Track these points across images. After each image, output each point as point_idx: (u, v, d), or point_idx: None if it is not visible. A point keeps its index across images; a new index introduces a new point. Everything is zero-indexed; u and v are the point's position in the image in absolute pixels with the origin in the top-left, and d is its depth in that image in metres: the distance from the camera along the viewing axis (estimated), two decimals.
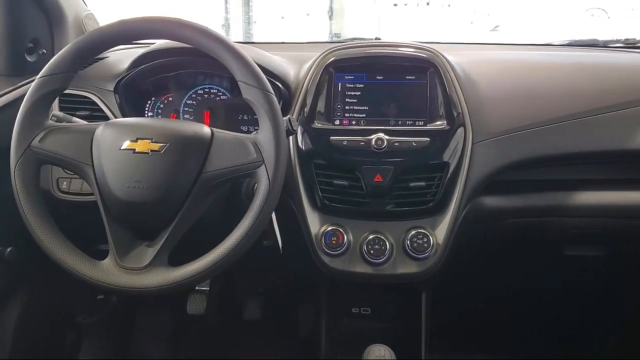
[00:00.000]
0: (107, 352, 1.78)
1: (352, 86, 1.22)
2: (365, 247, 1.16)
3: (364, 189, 1.17)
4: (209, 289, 1.80)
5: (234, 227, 0.92)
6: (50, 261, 0.94)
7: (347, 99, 1.22)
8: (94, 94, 1.29)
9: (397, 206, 1.19)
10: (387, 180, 1.16)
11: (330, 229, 1.18)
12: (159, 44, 1.30)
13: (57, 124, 1.01)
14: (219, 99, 1.35)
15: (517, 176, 1.25)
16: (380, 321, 1.42)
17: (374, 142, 1.15)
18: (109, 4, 1.78)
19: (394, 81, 1.22)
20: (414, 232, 1.17)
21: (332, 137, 1.18)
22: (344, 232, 1.18)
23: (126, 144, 0.93)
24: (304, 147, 1.20)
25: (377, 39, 1.47)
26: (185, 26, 0.94)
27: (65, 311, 1.70)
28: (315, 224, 1.20)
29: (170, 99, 1.36)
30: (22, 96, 0.97)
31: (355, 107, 1.22)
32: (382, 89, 1.22)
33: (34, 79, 0.97)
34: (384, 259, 1.16)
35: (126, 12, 1.03)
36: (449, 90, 1.19)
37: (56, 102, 1.25)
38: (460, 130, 1.18)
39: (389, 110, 1.21)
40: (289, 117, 1.00)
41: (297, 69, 1.32)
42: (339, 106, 1.22)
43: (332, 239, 1.17)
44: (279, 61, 1.33)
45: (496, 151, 1.20)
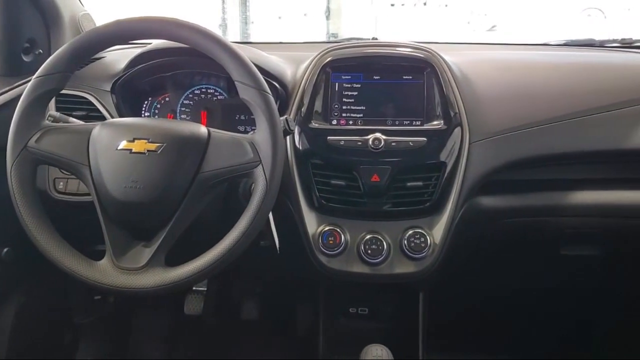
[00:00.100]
0: (104, 352, 1.78)
1: (349, 86, 1.22)
2: (362, 247, 1.17)
3: (361, 188, 1.17)
4: (206, 289, 1.80)
5: (231, 227, 0.92)
6: (47, 262, 0.94)
7: (344, 99, 1.22)
8: (90, 94, 1.29)
9: (394, 206, 1.19)
10: (384, 180, 1.16)
11: (327, 229, 1.18)
12: (156, 44, 1.30)
13: (54, 124, 1.00)
14: (216, 99, 1.35)
15: (513, 176, 1.25)
16: (377, 321, 1.42)
17: (371, 142, 1.15)
18: (106, 4, 1.78)
19: (391, 81, 1.22)
20: (411, 232, 1.17)
21: (329, 137, 1.18)
22: (341, 232, 1.18)
23: (123, 144, 0.93)
24: (301, 147, 1.20)
25: (374, 39, 1.47)
26: (182, 26, 0.94)
27: (62, 312, 1.69)
28: (312, 224, 1.20)
29: (167, 99, 1.36)
30: (18, 96, 0.97)
31: (352, 107, 1.22)
32: (379, 89, 1.22)
33: (30, 79, 0.97)
34: (381, 258, 1.16)
35: (123, 12, 1.03)
36: (445, 90, 1.19)
37: (53, 102, 1.25)
38: (457, 130, 1.18)
39: (386, 110, 1.21)
40: (286, 117, 1.00)
41: (294, 68, 1.32)
42: (336, 106, 1.22)
43: (330, 239, 1.17)
44: (276, 61, 1.33)
45: (493, 151, 1.20)
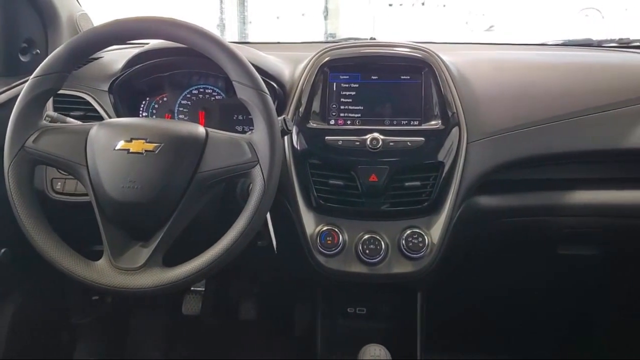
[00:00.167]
0: (102, 353, 1.78)
1: (347, 86, 1.22)
2: (360, 247, 1.16)
3: (359, 188, 1.17)
4: (204, 289, 1.80)
5: (229, 228, 0.92)
6: (44, 262, 0.93)
7: (342, 99, 1.22)
8: (88, 94, 1.29)
9: (392, 206, 1.19)
10: (382, 180, 1.16)
11: (325, 228, 1.18)
12: (154, 44, 1.30)
13: (51, 124, 1.00)
14: (213, 99, 1.35)
15: (511, 175, 1.25)
16: (375, 321, 1.42)
17: (369, 142, 1.15)
18: (103, 4, 1.78)
19: (388, 81, 1.22)
20: (409, 232, 1.17)
21: (327, 137, 1.18)
22: (339, 232, 1.18)
23: (120, 144, 0.93)
24: (299, 147, 1.20)
25: (372, 39, 1.47)
26: (179, 26, 0.94)
27: (59, 312, 1.69)
28: (310, 224, 1.20)
29: (164, 99, 1.36)
30: (15, 96, 0.97)
31: (350, 107, 1.22)
32: (377, 89, 1.22)
33: (28, 79, 0.97)
34: (379, 258, 1.16)
35: (120, 12, 1.03)
36: (443, 90, 1.19)
37: (50, 102, 1.24)
38: (455, 129, 1.18)
39: (384, 110, 1.21)
40: (283, 117, 1.00)
41: (292, 68, 1.32)
42: (334, 106, 1.22)
43: (328, 239, 1.17)
44: (274, 61, 1.33)
45: (491, 151, 1.20)
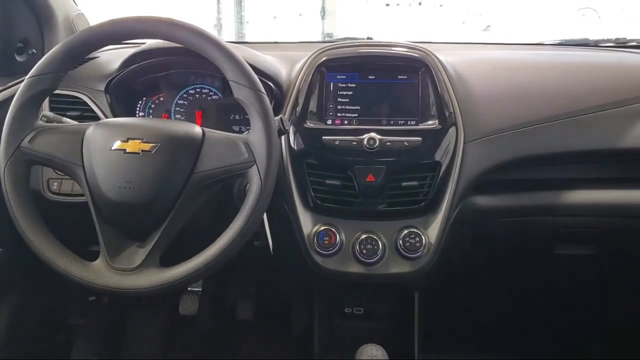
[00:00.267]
0: (99, 353, 1.77)
1: (344, 86, 1.22)
2: (357, 247, 1.16)
3: (356, 188, 1.17)
4: (201, 289, 1.79)
5: (226, 228, 0.92)
6: (40, 263, 0.93)
7: (339, 99, 1.22)
8: (84, 94, 1.29)
9: (390, 206, 1.19)
10: (380, 179, 1.16)
11: (322, 228, 1.18)
12: (150, 43, 1.30)
13: (47, 125, 1.00)
14: (210, 98, 1.35)
15: (508, 175, 1.25)
16: (373, 321, 1.43)
17: (366, 142, 1.15)
18: (100, 4, 1.77)
19: (386, 81, 1.22)
20: (406, 232, 1.17)
21: (324, 137, 1.17)
22: (336, 232, 1.18)
23: (117, 144, 0.93)
24: (296, 147, 1.19)
25: (369, 39, 1.47)
26: (176, 26, 0.94)
27: (56, 313, 1.69)
28: (307, 224, 1.20)
29: (161, 98, 1.35)
30: (11, 96, 0.97)
31: (347, 107, 1.22)
32: (374, 89, 1.22)
33: (24, 79, 0.96)
34: (377, 258, 1.16)
35: (117, 12, 1.02)
36: (440, 89, 1.19)
37: (46, 102, 1.24)
38: (452, 129, 1.18)
39: (381, 109, 1.21)
40: (280, 116, 1.00)
41: (289, 68, 1.32)
42: (331, 106, 1.22)
43: (325, 239, 1.17)
44: (270, 61, 1.33)
45: (488, 150, 1.20)
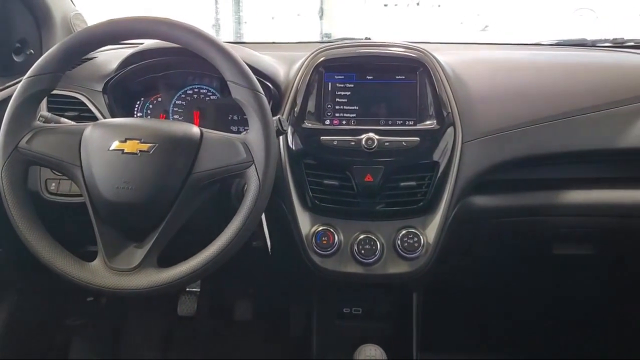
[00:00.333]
0: (97, 354, 1.77)
1: (342, 86, 1.22)
2: (356, 247, 1.16)
3: (354, 188, 1.17)
4: (199, 290, 1.79)
5: (224, 228, 0.91)
6: (38, 263, 0.93)
7: (337, 99, 1.22)
8: (82, 95, 1.28)
9: (388, 206, 1.19)
10: (378, 180, 1.16)
11: (320, 229, 1.18)
12: (148, 44, 1.30)
13: (45, 125, 1.00)
14: (208, 99, 1.34)
15: (506, 175, 1.25)
16: (371, 321, 1.42)
17: (364, 142, 1.15)
18: (97, 4, 1.77)
19: (384, 81, 1.22)
20: (404, 232, 1.17)
21: (322, 137, 1.17)
22: (334, 232, 1.18)
23: (115, 145, 0.93)
24: (294, 147, 1.19)
25: (367, 39, 1.47)
26: (174, 26, 0.94)
27: (54, 313, 1.68)
28: (305, 224, 1.20)
29: (159, 99, 1.35)
30: (9, 97, 0.97)
31: (345, 107, 1.22)
32: (372, 89, 1.22)
33: (22, 80, 0.96)
34: (375, 258, 1.16)
35: (114, 12, 1.02)
36: (438, 89, 1.19)
37: (44, 102, 1.24)
38: (450, 129, 1.18)
39: (379, 110, 1.21)
40: (278, 117, 1.00)
41: (287, 68, 1.32)
42: (329, 106, 1.22)
43: (323, 239, 1.17)
44: (269, 61, 1.33)
45: (486, 150, 1.20)
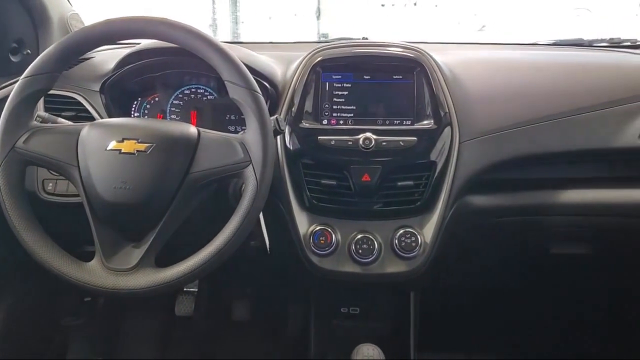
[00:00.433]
0: (94, 354, 1.77)
1: (339, 86, 1.22)
2: (353, 247, 1.16)
3: (352, 188, 1.17)
4: (197, 290, 1.79)
5: (222, 228, 0.91)
6: (35, 263, 0.93)
7: (335, 99, 1.22)
8: (79, 95, 1.28)
9: (385, 205, 1.19)
10: (375, 179, 1.16)
11: (318, 228, 1.18)
12: (145, 43, 1.29)
13: (42, 125, 1.00)
14: (205, 99, 1.34)
15: (503, 175, 1.25)
16: (369, 321, 1.42)
17: (361, 142, 1.15)
18: (94, 4, 1.77)
19: (381, 81, 1.22)
20: (402, 232, 1.17)
21: (319, 137, 1.17)
22: (332, 232, 1.18)
23: (112, 145, 0.92)
24: (291, 147, 1.20)
25: (364, 39, 1.47)
26: (171, 26, 0.94)
27: (51, 313, 1.68)
28: (303, 223, 1.20)
29: (156, 99, 1.35)
30: (5, 97, 0.96)
31: (342, 107, 1.22)
32: (369, 89, 1.22)
33: (18, 80, 0.96)
34: (373, 258, 1.16)
35: (111, 12, 1.02)
36: (435, 89, 1.19)
37: (41, 102, 1.24)
38: (447, 129, 1.18)
39: (376, 109, 1.21)
40: (276, 116, 1.00)
41: (284, 68, 1.32)
42: (327, 106, 1.22)
43: (321, 238, 1.17)
44: (266, 61, 1.33)
45: (483, 150, 1.20)
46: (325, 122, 1.22)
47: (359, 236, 1.17)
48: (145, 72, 1.30)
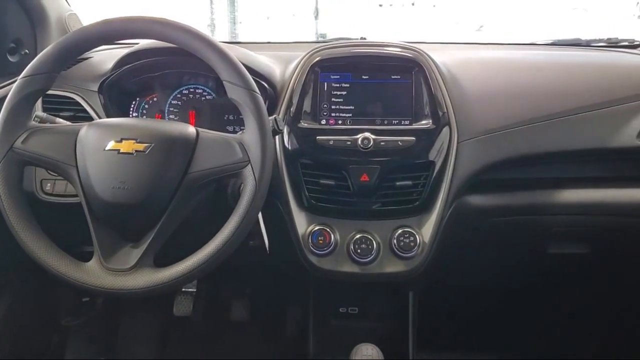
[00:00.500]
0: (93, 354, 1.77)
1: (338, 86, 1.22)
2: (352, 247, 1.16)
3: (350, 188, 1.17)
4: (195, 290, 1.79)
5: (221, 228, 0.91)
6: (34, 264, 0.93)
7: (333, 99, 1.22)
8: (77, 95, 1.28)
9: (384, 205, 1.19)
10: (374, 179, 1.16)
11: (317, 228, 1.18)
12: (143, 43, 1.29)
13: (40, 125, 1.00)
14: (204, 99, 1.34)
15: (502, 174, 1.26)
16: (368, 320, 1.42)
17: (360, 142, 1.15)
18: (92, 4, 1.77)
19: (379, 81, 1.22)
20: (400, 231, 1.17)
21: (318, 137, 1.18)
22: (331, 232, 1.18)
23: (110, 145, 0.92)
24: (290, 147, 1.20)
25: (362, 39, 1.47)
26: (169, 26, 0.94)
27: (49, 314, 1.68)
28: (302, 223, 1.20)
29: (155, 99, 1.35)
30: (3, 97, 0.96)
31: (341, 107, 1.22)
32: (367, 89, 1.22)
33: (17, 80, 0.96)
34: (371, 258, 1.16)
35: (109, 12, 1.02)
36: (434, 89, 1.19)
37: (39, 102, 1.24)
38: (445, 129, 1.18)
39: (374, 109, 1.21)
40: (275, 116, 1.00)
41: (282, 68, 1.32)
42: (325, 106, 1.22)
43: (319, 238, 1.17)
44: (264, 61, 1.33)
45: (481, 150, 1.21)
46: (323, 122, 1.22)
47: (358, 236, 1.17)
48: (143, 72, 1.30)
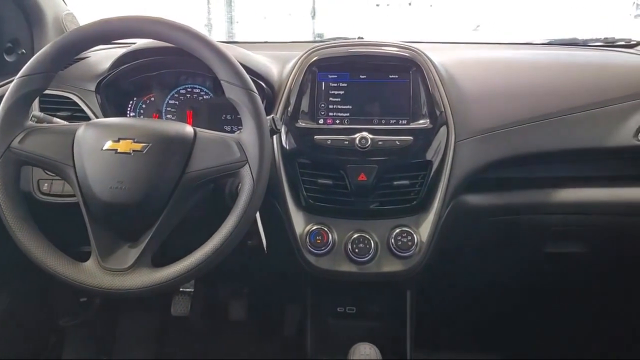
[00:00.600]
0: (90, 355, 1.76)
1: (335, 85, 1.22)
2: (350, 246, 1.17)
3: (348, 188, 1.17)
4: (193, 290, 1.79)
5: (218, 228, 0.91)
6: (31, 264, 0.93)
7: (331, 98, 1.22)
8: (75, 94, 1.28)
9: (381, 205, 1.19)
10: (371, 179, 1.16)
11: (315, 228, 1.18)
12: (141, 43, 1.29)
13: (38, 125, 0.99)
14: (201, 98, 1.34)
15: (499, 174, 1.26)
16: (365, 320, 1.42)
17: (357, 141, 1.15)
18: (89, 4, 1.77)
19: (377, 80, 1.22)
20: (398, 231, 1.17)
21: (316, 137, 1.18)
22: (328, 231, 1.18)
23: (108, 145, 0.92)
24: (288, 147, 1.20)
25: (360, 39, 1.47)
26: (167, 25, 0.94)
27: (47, 314, 1.68)
28: (299, 223, 1.20)
29: (152, 98, 1.35)
30: (1, 97, 0.96)
31: (338, 107, 1.22)
32: (365, 88, 1.22)
33: (13, 79, 0.96)
34: (369, 257, 1.16)
35: (107, 12, 1.02)
36: (431, 89, 1.19)
37: (36, 102, 1.23)
38: (443, 129, 1.18)
39: (372, 109, 1.21)
40: (272, 116, 1.00)
41: (280, 68, 1.32)
42: (323, 105, 1.22)
43: (317, 238, 1.17)
44: (262, 60, 1.33)
45: (479, 149, 1.21)
46: (321, 121, 1.22)
47: (356, 235, 1.17)
48: (141, 71, 1.30)
